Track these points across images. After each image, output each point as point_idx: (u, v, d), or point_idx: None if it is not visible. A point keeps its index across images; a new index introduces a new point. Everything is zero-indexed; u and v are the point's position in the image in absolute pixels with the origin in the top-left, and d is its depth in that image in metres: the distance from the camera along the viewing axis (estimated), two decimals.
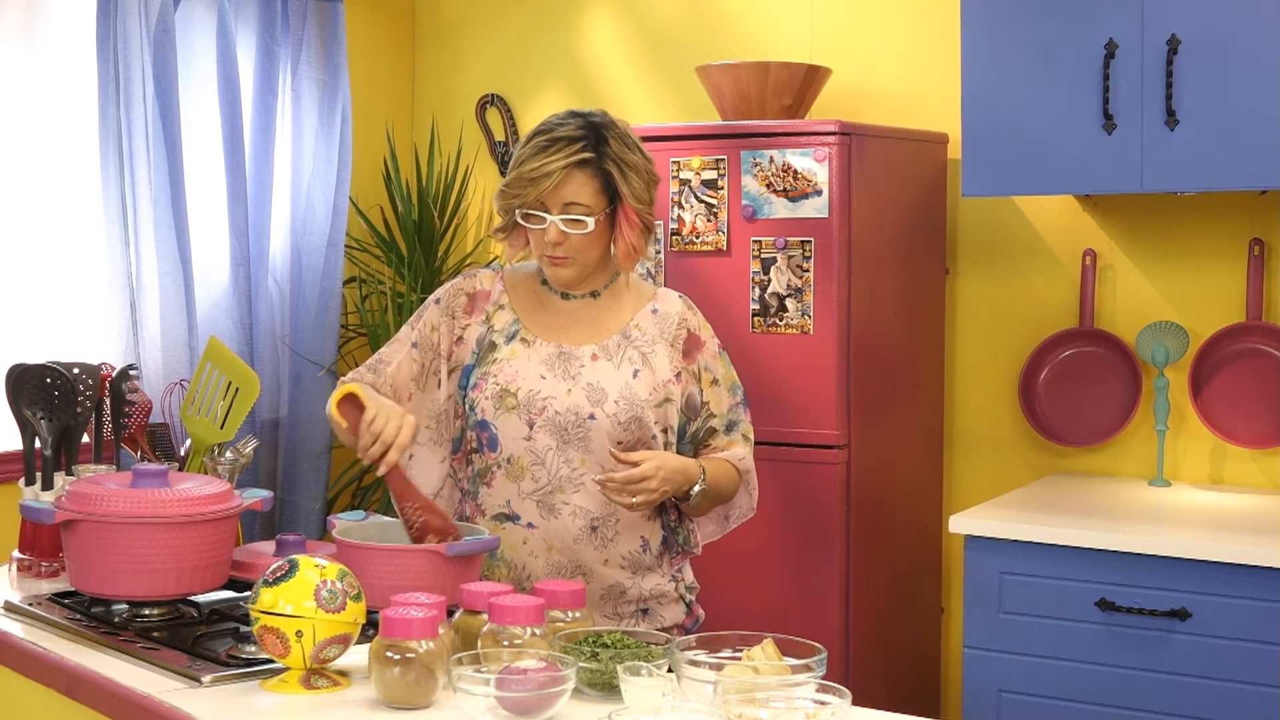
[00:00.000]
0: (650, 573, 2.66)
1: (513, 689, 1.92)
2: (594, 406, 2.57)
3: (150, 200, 4.01)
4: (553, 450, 2.58)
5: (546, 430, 2.58)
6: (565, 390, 2.59)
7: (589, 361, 2.62)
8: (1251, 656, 2.98)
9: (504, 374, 2.61)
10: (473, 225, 4.88)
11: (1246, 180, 3.28)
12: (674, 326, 2.68)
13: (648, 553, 2.65)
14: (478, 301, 2.70)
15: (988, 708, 3.25)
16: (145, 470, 2.45)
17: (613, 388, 2.59)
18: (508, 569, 2.62)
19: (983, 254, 3.99)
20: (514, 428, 2.59)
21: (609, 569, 2.61)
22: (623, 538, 2.62)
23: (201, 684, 2.12)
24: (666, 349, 2.66)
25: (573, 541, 2.59)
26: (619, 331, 2.65)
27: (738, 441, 2.71)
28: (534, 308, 2.69)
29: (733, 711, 1.87)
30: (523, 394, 2.59)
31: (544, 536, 2.59)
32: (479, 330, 2.68)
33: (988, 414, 3.99)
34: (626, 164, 2.58)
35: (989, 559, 3.25)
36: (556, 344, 2.63)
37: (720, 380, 2.71)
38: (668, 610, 2.69)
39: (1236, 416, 3.62)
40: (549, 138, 2.56)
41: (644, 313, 2.68)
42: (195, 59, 4.19)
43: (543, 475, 2.58)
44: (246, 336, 4.26)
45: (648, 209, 2.61)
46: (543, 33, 4.72)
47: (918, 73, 4.04)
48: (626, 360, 2.63)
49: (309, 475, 4.42)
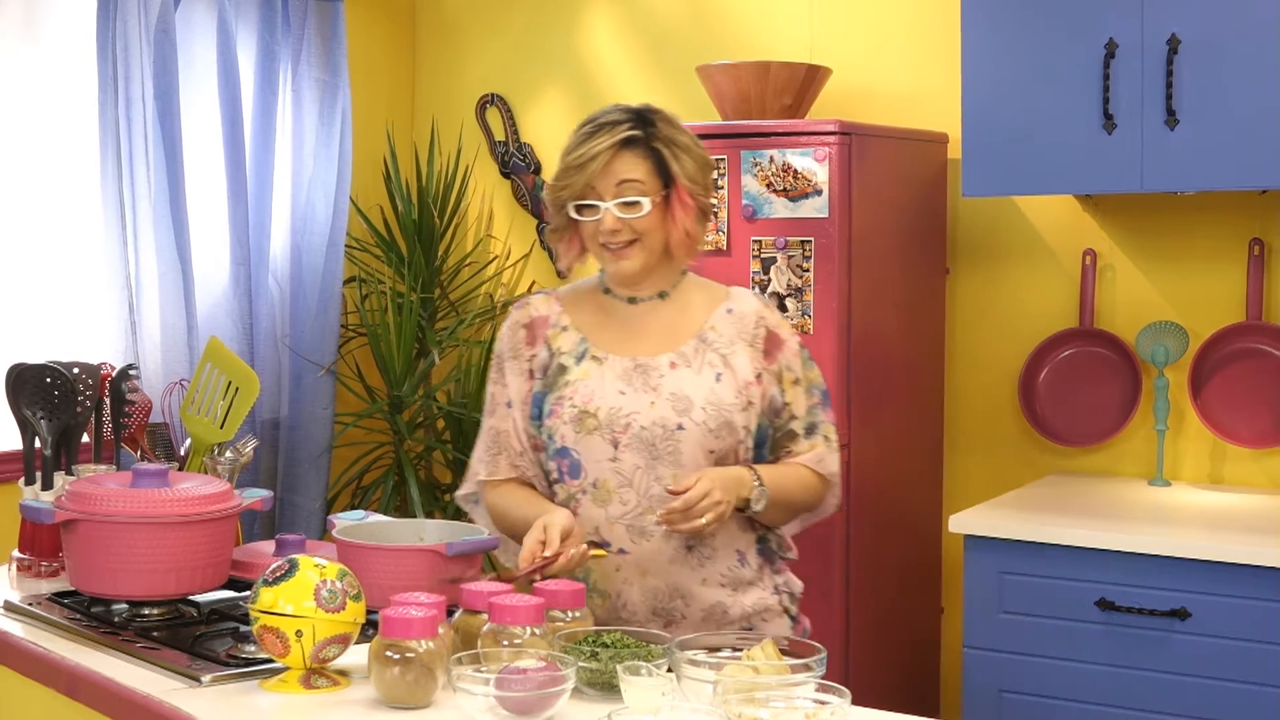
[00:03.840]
0: (751, 587, 2.54)
1: (512, 689, 1.92)
2: (681, 416, 2.46)
3: (150, 200, 4.01)
4: (641, 469, 2.46)
5: (633, 448, 2.46)
6: (648, 403, 2.47)
7: (668, 370, 2.50)
8: (1251, 656, 2.98)
9: (579, 395, 2.49)
10: (473, 225, 4.88)
11: (1246, 180, 3.28)
12: (752, 325, 2.56)
13: (746, 566, 2.54)
14: (536, 329, 2.59)
15: (988, 707, 3.25)
16: (145, 470, 2.45)
17: (698, 394, 2.47)
18: (602, 599, 2.49)
19: (983, 254, 3.99)
20: (597, 450, 2.47)
21: (708, 589, 2.50)
22: (720, 554, 2.51)
23: (201, 684, 2.13)
24: (746, 349, 2.54)
25: (668, 564, 2.47)
26: (695, 335, 2.53)
27: (819, 444, 2.59)
28: (600, 323, 2.57)
29: (732, 711, 1.87)
30: (603, 413, 2.47)
31: (637, 562, 2.47)
32: (543, 356, 2.56)
33: (987, 413, 3.99)
34: (676, 144, 2.49)
35: (989, 558, 3.25)
36: (631, 357, 2.51)
37: (801, 380, 2.59)
38: (771, 627, 2.56)
39: (1236, 416, 3.61)
40: (593, 125, 2.49)
41: (719, 313, 2.56)
42: (195, 59, 4.19)
43: (631, 497, 2.46)
44: (247, 336, 4.26)
45: (703, 191, 2.52)
46: (543, 32, 4.72)
47: (918, 73, 4.04)
48: (707, 365, 2.51)
49: (309, 475, 4.42)
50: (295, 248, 4.45)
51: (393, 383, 4.52)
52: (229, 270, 4.25)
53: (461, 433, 4.57)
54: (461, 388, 4.59)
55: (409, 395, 4.54)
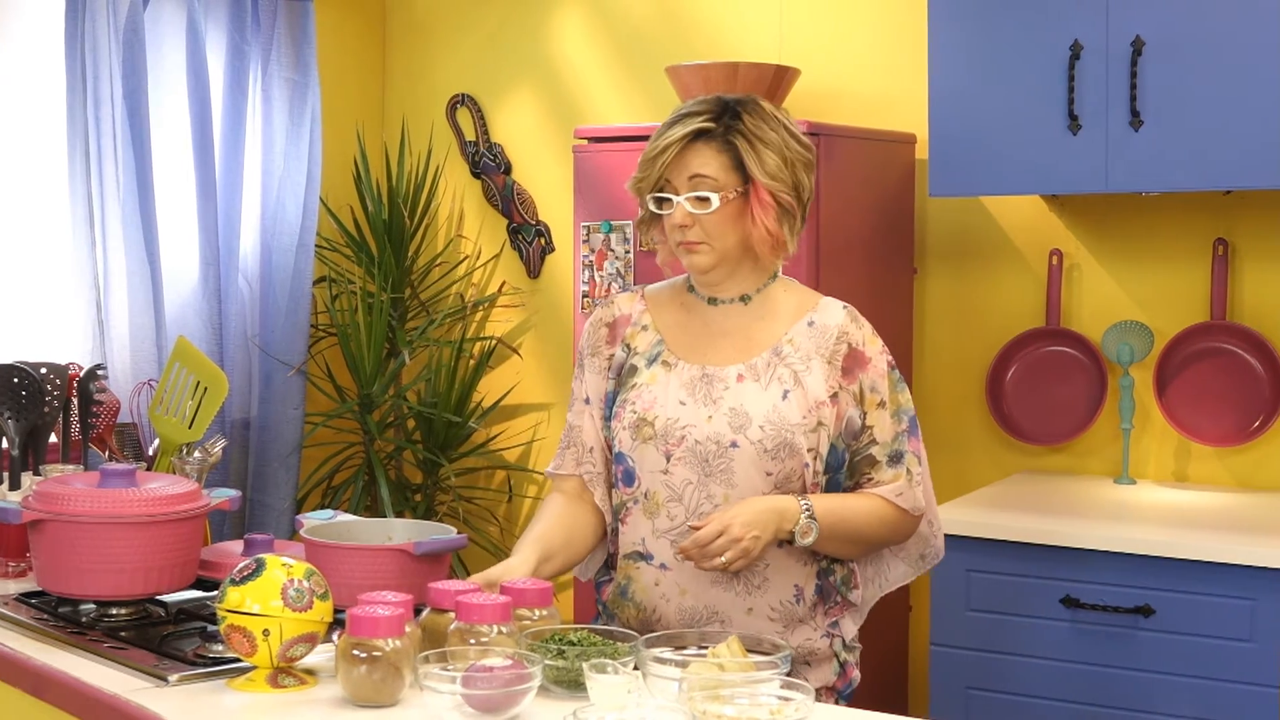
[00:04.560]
0: (802, 625, 2.41)
1: (478, 686, 1.93)
2: (736, 434, 2.35)
3: (118, 199, 4.01)
4: (692, 485, 2.37)
5: (686, 462, 2.37)
6: (706, 417, 2.38)
7: (734, 383, 2.39)
8: (1214, 652, 3.01)
9: (641, 401, 2.42)
10: (443, 225, 4.88)
11: (1210, 180, 3.31)
12: (832, 341, 2.42)
13: (801, 603, 2.41)
14: (618, 328, 2.53)
15: (955, 705, 3.27)
16: (112, 470, 2.45)
17: (758, 411, 2.36)
18: (636, 610, 2.44)
19: (950, 254, 4.01)
20: (651, 460, 2.40)
21: (754, 619, 2.38)
22: (773, 584, 2.39)
23: (168, 683, 2.12)
24: (823, 366, 2.40)
25: (710, 585, 2.37)
26: (770, 348, 2.42)
27: (902, 475, 2.43)
28: (680, 324, 2.49)
29: (697, 708, 1.88)
30: (660, 423, 2.39)
31: (677, 580, 2.39)
32: (620, 356, 2.50)
33: (955, 413, 4.01)
34: (759, 138, 2.37)
35: (956, 557, 3.25)
36: (700, 365, 2.42)
37: (888, 403, 2.43)
38: (816, 671, 2.44)
39: (1201, 415, 3.65)
40: (676, 115, 2.40)
41: (799, 326, 2.43)
42: (164, 58, 4.18)
43: (679, 512, 2.38)
44: (216, 336, 4.26)
45: (787, 190, 2.38)
46: (514, 33, 4.73)
47: (886, 73, 4.06)
48: (776, 380, 2.38)
49: (279, 475, 4.42)
50: (265, 248, 4.44)
51: (363, 383, 4.52)
52: (198, 270, 4.24)
53: (432, 432, 4.57)
54: (432, 387, 4.59)
55: (379, 395, 4.54)
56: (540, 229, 4.69)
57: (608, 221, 3.81)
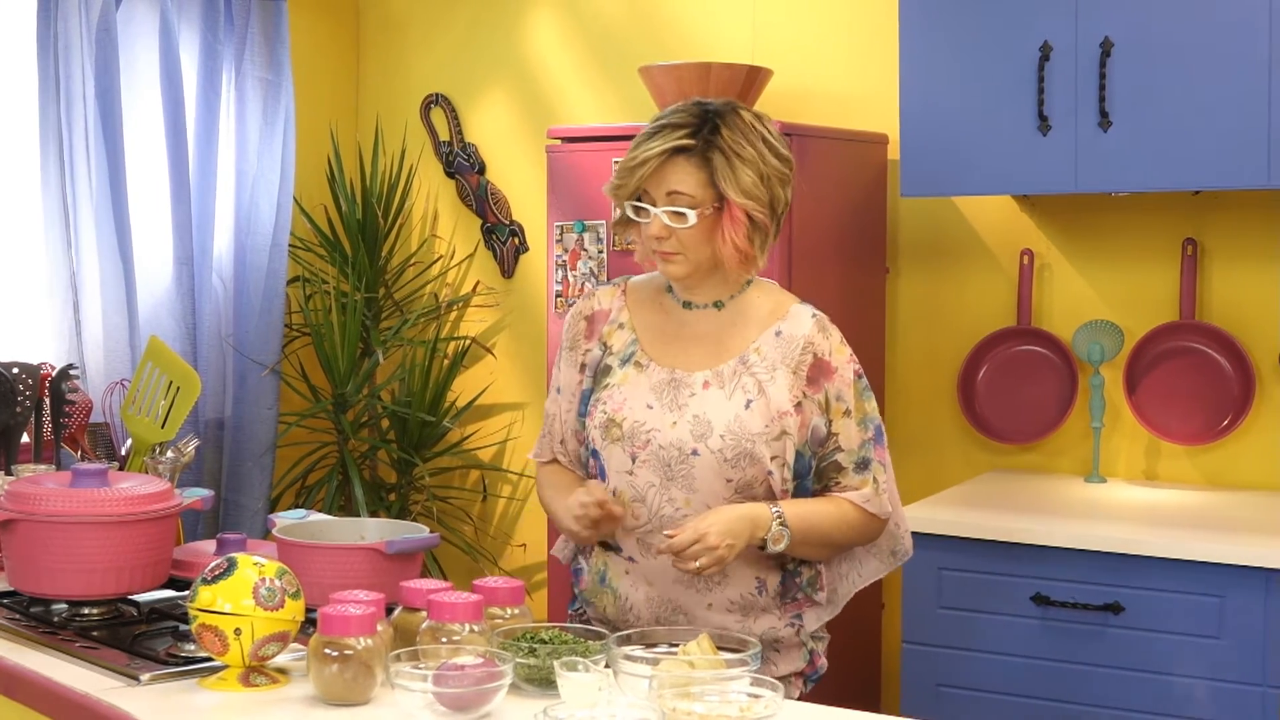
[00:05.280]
0: (764, 614, 2.47)
1: (450, 685, 1.94)
2: (697, 441, 2.39)
3: (91, 199, 4.00)
4: (655, 487, 2.42)
5: (649, 466, 2.42)
6: (670, 422, 2.42)
7: (700, 390, 2.43)
8: (1183, 649, 3.03)
9: (612, 402, 2.47)
10: (417, 225, 4.88)
11: (1179, 181, 3.34)
12: (798, 351, 2.44)
13: (764, 594, 2.47)
14: (596, 323, 2.57)
15: (926, 702, 3.28)
16: (84, 470, 2.45)
17: (720, 420, 2.39)
18: (614, 597, 2.51)
19: (922, 253, 4.03)
20: (618, 460, 2.45)
21: (713, 614, 2.44)
22: (733, 581, 2.44)
23: (140, 682, 2.13)
24: (788, 376, 2.42)
25: (672, 583, 2.44)
26: (738, 356, 2.45)
27: (868, 483, 2.47)
28: (656, 323, 2.53)
29: (667, 706, 1.89)
30: (628, 425, 2.44)
31: (643, 573, 2.47)
32: (596, 353, 2.55)
33: (927, 412, 4.03)
34: (737, 155, 2.37)
35: (927, 555, 3.28)
36: (670, 369, 2.46)
37: (853, 411, 2.46)
38: (785, 658, 2.51)
39: (1170, 413, 3.67)
40: (658, 123, 2.40)
41: (767, 335, 2.46)
42: (137, 58, 4.18)
43: (643, 513, 2.44)
44: (190, 336, 4.25)
45: (761, 207, 2.40)
46: (487, 33, 4.73)
47: (858, 74, 4.08)
48: (740, 389, 2.42)
49: (253, 475, 4.41)
50: (239, 247, 4.44)
51: (337, 382, 4.52)
52: (172, 270, 4.24)
53: (406, 432, 4.58)
54: (406, 387, 4.59)
55: (353, 395, 4.54)
56: (514, 229, 4.69)
57: (581, 221, 3.82)
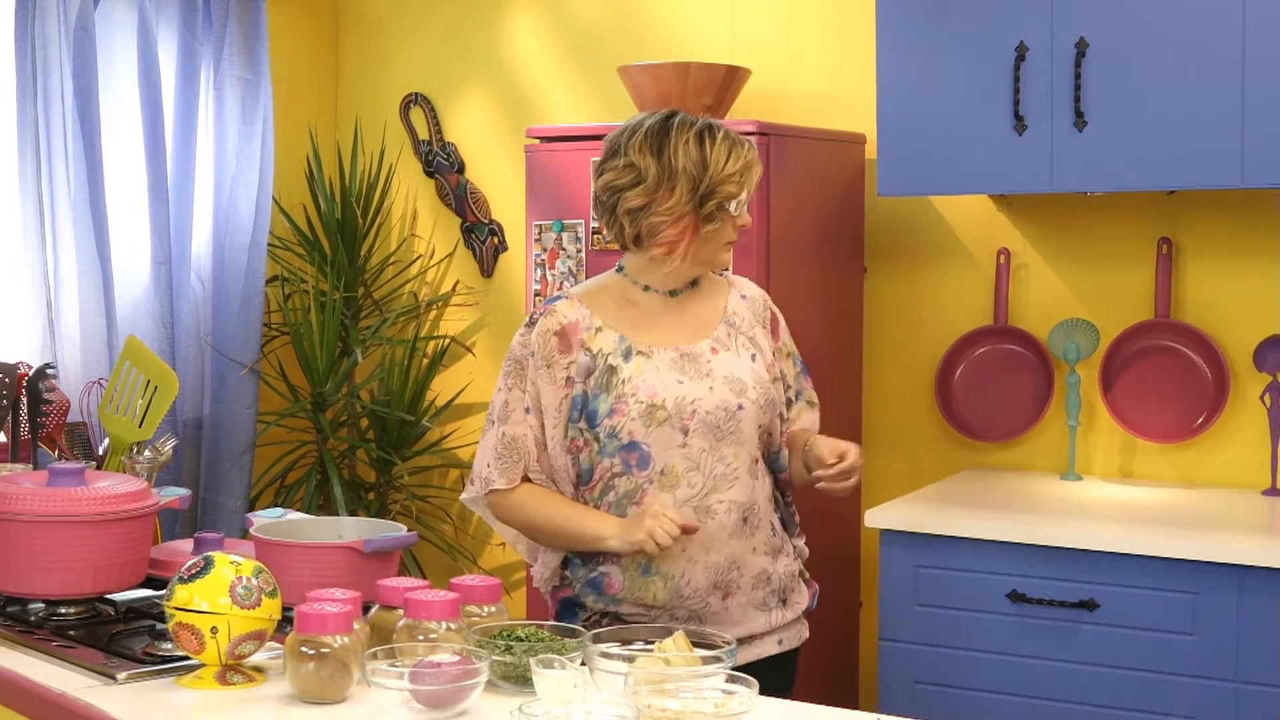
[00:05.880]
0: (781, 554, 2.71)
1: (426, 682, 1.95)
2: (739, 397, 2.61)
3: (69, 199, 3.99)
4: (706, 451, 2.58)
5: (700, 433, 2.57)
6: (707, 388, 2.60)
7: (711, 355, 2.64)
8: (1157, 645, 3.05)
9: (643, 390, 2.57)
10: (396, 224, 4.88)
11: (1153, 181, 3.36)
12: (761, 309, 2.77)
13: (777, 535, 2.71)
14: (569, 335, 2.62)
15: (903, 699, 3.29)
16: (61, 469, 2.45)
17: (747, 375, 2.64)
18: (664, 581, 2.57)
19: (900, 253, 4.05)
20: (668, 438, 2.56)
21: (757, 557, 2.65)
22: (763, 523, 2.67)
23: (117, 681, 2.13)
24: (762, 331, 2.73)
25: (729, 538, 2.59)
26: (722, 321, 2.69)
27: (804, 409, 2.82)
28: (632, 319, 2.65)
29: (642, 702, 1.90)
30: (671, 403, 2.56)
31: (702, 540, 2.57)
32: (584, 361, 2.61)
33: (904, 410, 4.05)
34: None
35: (904, 553, 3.30)
36: (674, 347, 2.63)
37: (792, 354, 2.81)
38: (796, 597, 2.75)
39: (1146, 411, 3.69)
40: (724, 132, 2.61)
41: (734, 298, 2.73)
42: (115, 57, 4.17)
43: (698, 479, 2.57)
44: (168, 335, 4.25)
45: None
46: (467, 32, 4.74)
47: (836, 74, 4.09)
48: (742, 348, 2.68)
49: (231, 475, 4.41)
50: (217, 246, 4.44)
51: (316, 381, 4.52)
52: (150, 269, 4.23)
53: (385, 431, 4.58)
54: (385, 386, 4.59)
55: (332, 394, 4.54)
56: (493, 228, 4.70)
57: (560, 221, 3.82)
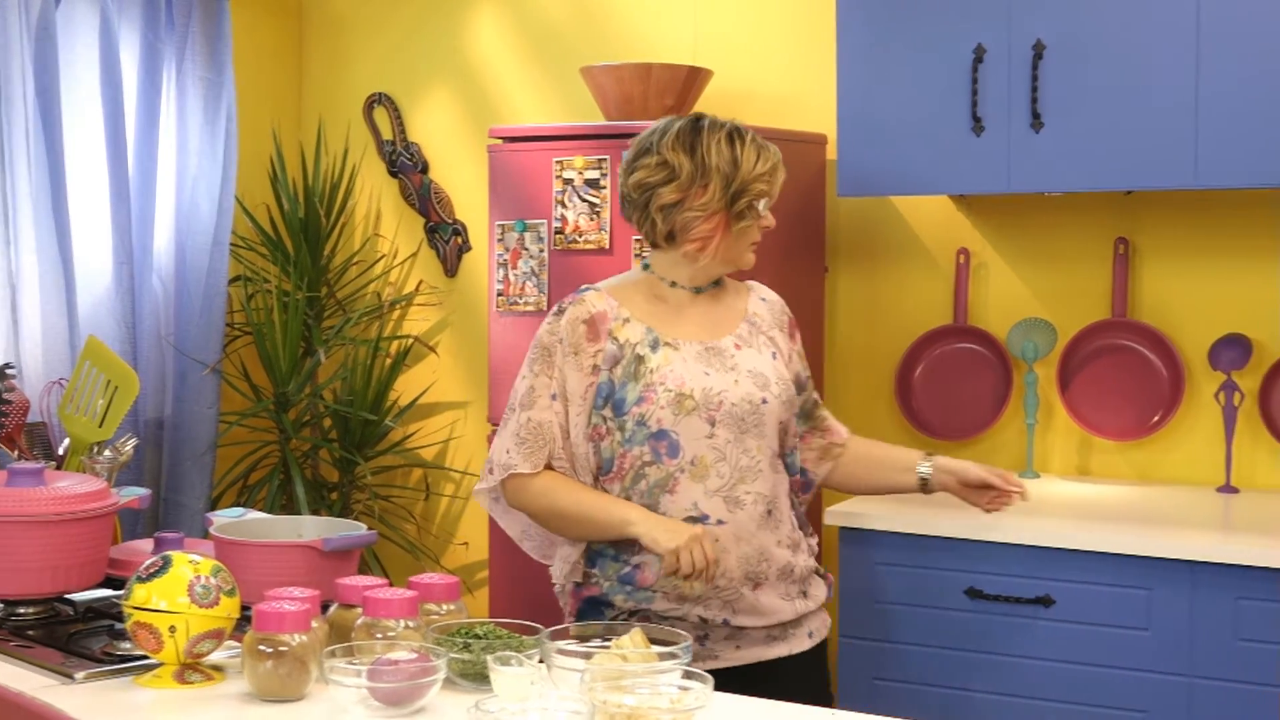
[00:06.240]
0: (798, 549, 2.75)
1: (384, 680, 1.96)
2: (763, 391, 2.67)
3: (31, 198, 3.98)
4: (732, 442, 2.63)
5: (726, 425, 2.62)
6: (733, 381, 2.65)
7: (735, 351, 2.70)
8: (1112, 640, 3.08)
9: (671, 379, 2.62)
10: (360, 224, 4.88)
11: (1110, 181, 3.39)
12: (779, 312, 2.84)
13: (795, 530, 2.76)
14: (598, 324, 2.67)
15: (862, 695, 3.31)
16: (20, 469, 2.45)
17: (769, 371, 2.70)
18: None
19: (861, 252, 4.07)
20: (695, 428, 2.61)
21: (781, 549, 2.69)
22: (784, 518, 2.72)
23: (75, 680, 2.14)
24: (780, 333, 2.80)
25: (756, 529, 2.65)
26: (744, 319, 2.76)
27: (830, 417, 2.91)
28: (658, 312, 2.71)
29: (598, 699, 1.91)
30: (699, 393, 2.62)
31: (733, 530, 2.62)
32: (611, 349, 2.65)
33: (865, 408, 4.07)
34: None
35: (863, 551, 3.33)
36: (699, 341, 2.69)
37: (806, 358, 2.88)
38: (816, 587, 2.80)
39: (1102, 410, 3.73)
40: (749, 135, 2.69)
41: (754, 300, 2.81)
42: (77, 57, 4.16)
43: (726, 470, 2.62)
44: (130, 335, 4.24)
45: None
46: (430, 32, 4.74)
47: (797, 75, 4.11)
48: (763, 345, 2.74)
49: (192, 474, 4.40)
50: (180, 246, 4.43)
51: (278, 381, 4.52)
52: (111, 269, 4.22)
53: (348, 431, 4.58)
54: (348, 386, 4.59)
55: (295, 394, 4.54)
56: (457, 228, 4.71)
57: (522, 221, 3.84)
